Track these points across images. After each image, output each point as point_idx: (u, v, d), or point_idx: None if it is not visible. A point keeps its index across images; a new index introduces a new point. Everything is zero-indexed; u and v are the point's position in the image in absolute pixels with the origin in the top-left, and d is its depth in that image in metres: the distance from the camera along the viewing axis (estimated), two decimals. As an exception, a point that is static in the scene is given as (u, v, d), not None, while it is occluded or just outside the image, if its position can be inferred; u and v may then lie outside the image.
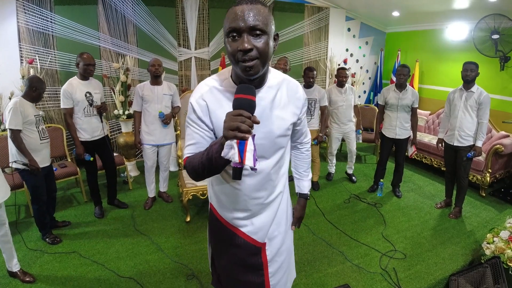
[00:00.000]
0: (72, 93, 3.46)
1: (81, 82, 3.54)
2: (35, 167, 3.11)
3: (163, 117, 3.83)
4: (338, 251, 3.28)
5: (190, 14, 5.58)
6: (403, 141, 4.35)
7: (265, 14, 1.17)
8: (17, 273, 2.83)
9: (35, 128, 3.17)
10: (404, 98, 4.16)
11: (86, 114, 3.56)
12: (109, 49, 5.21)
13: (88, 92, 3.54)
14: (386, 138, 4.42)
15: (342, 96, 4.71)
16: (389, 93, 4.28)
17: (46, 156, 3.31)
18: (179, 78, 5.79)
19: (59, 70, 5.02)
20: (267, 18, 1.17)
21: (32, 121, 3.13)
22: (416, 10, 5.78)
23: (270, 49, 1.20)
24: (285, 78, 1.43)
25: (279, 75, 1.42)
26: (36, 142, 3.17)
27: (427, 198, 4.48)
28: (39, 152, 3.21)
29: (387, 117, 4.39)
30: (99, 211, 3.90)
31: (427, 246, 3.40)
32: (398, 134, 4.30)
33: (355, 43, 7.17)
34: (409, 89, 4.19)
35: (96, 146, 3.72)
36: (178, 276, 2.91)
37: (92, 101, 3.57)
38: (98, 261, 3.10)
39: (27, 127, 3.10)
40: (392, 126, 4.32)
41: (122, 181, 4.88)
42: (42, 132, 3.24)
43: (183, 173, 3.98)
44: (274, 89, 1.37)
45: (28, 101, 3.17)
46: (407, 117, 4.26)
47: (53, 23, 4.86)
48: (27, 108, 3.10)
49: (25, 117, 3.06)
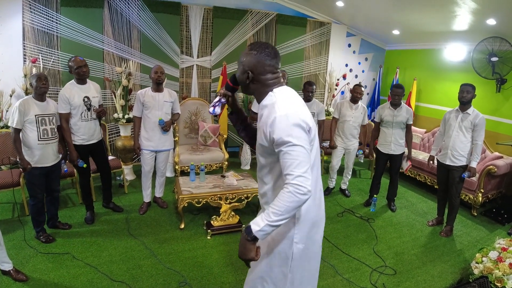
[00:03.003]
0: (70, 98, 3.45)
1: (78, 87, 3.55)
2: (24, 165, 3.14)
3: (163, 124, 3.86)
4: (329, 264, 3.31)
5: (194, 22, 5.66)
6: (398, 157, 4.44)
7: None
8: (9, 271, 2.83)
9: (35, 127, 3.17)
10: (399, 115, 4.25)
11: (83, 119, 3.56)
12: (113, 52, 5.27)
13: (86, 96, 3.55)
14: (381, 153, 4.51)
15: (352, 112, 4.76)
16: (384, 110, 4.38)
17: (45, 156, 3.27)
18: (180, 85, 5.85)
19: (61, 71, 5.07)
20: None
21: (31, 120, 3.14)
22: (416, 29, 5.89)
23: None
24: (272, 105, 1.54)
25: (271, 100, 1.56)
26: (33, 141, 3.18)
27: (419, 215, 4.53)
28: (37, 151, 3.21)
29: (382, 133, 4.47)
30: (90, 216, 3.88)
31: (417, 263, 3.44)
32: (393, 150, 4.38)
33: (355, 59, 7.27)
34: (404, 107, 4.29)
35: (91, 149, 3.74)
36: (170, 282, 2.92)
37: (90, 106, 3.59)
38: (91, 264, 3.11)
39: (27, 125, 3.15)
40: (387, 142, 4.40)
41: (118, 185, 4.90)
42: (44, 133, 3.23)
43: (179, 179, 4.01)
44: (263, 109, 1.60)
45: (36, 100, 3.22)
46: (402, 134, 4.36)
47: (58, 23, 4.92)
48: (29, 107, 3.14)
49: (25, 116, 3.11)
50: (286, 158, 1.43)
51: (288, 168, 1.42)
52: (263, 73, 1.57)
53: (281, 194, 1.41)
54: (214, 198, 3.70)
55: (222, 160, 5.01)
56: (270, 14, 6.10)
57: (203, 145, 5.33)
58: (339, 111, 4.81)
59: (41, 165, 3.27)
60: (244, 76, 1.58)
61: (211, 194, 3.70)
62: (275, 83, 1.60)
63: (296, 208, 1.40)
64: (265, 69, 1.56)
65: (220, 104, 1.76)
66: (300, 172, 1.40)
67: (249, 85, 1.61)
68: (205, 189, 3.76)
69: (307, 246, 1.66)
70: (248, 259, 1.49)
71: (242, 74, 1.60)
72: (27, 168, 3.16)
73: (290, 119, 1.44)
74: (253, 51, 1.56)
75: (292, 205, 1.39)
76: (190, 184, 3.87)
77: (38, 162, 3.23)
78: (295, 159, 1.42)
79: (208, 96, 6.09)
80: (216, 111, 1.76)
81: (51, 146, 3.34)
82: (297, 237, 1.61)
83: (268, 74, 1.58)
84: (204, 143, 5.32)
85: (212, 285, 2.92)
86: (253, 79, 1.58)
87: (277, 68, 1.61)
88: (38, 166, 3.24)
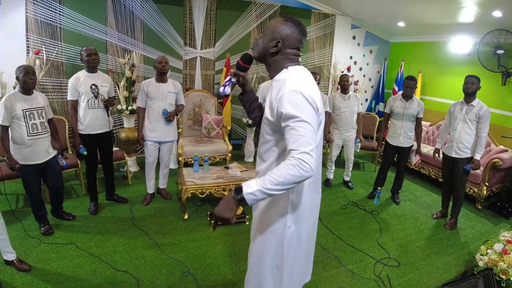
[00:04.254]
0: (77, 85, 3.50)
1: (87, 74, 3.57)
2: (12, 165, 3.02)
3: (166, 114, 3.85)
4: (333, 255, 3.31)
5: (198, 14, 5.62)
6: (406, 150, 4.41)
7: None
8: (13, 261, 2.84)
9: (24, 122, 3.04)
10: (410, 108, 4.22)
11: (90, 106, 3.57)
12: (116, 44, 5.25)
13: (94, 84, 3.56)
14: (390, 145, 4.49)
15: (346, 103, 4.76)
16: (395, 102, 4.34)
17: (36, 153, 3.16)
18: (183, 77, 5.83)
19: (65, 63, 5.05)
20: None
21: (19, 116, 3.00)
22: (421, 21, 5.83)
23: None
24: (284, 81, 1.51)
25: (284, 76, 1.53)
26: (22, 137, 3.06)
27: (423, 208, 4.51)
28: (27, 148, 3.10)
29: (392, 125, 4.44)
30: (94, 208, 3.89)
31: (421, 255, 3.43)
32: (401, 142, 4.36)
33: (359, 51, 7.22)
34: (415, 100, 4.25)
35: (98, 140, 3.74)
36: (174, 272, 2.93)
37: (97, 94, 3.59)
38: (94, 254, 3.12)
39: (15, 121, 3.02)
40: (396, 134, 4.38)
41: (122, 176, 4.90)
42: (33, 127, 3.11)
43: (183, 170, 4.01)
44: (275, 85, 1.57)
45: (22, 94, 3.07)
46: (412, 127, 4.32)
47: (62, 15, 4.90)
48: (15, 102, 2.99)
49: (12, 111, 2.97)
50: (292, 134, 1.38)
51: (294, 144, 1.36)
52: (291, 47, 1.56)
53: (283, 165, 1.35)
54: (217, 189, 3.70)
55: (226, 152, 5.00)
56: (274, 6, 6.05)
57: (206, 137, 5.32)
58: (332, 104, 4.84)
59: (33, 162, 3.15)
60: (271, 44, 1.55)
61: (215, 185, 3.70)
62: (294, 60, 1.59)
63: (294, 183, 1.35)
64: (294, 43, 1.55)
65: (230, 84, 1.76)
66: (306, 149, 1.34)
67: (272, 54, 1.57)
68: (208, 180, 3.76)
69: (300, 229, 1.66)
70: (224, 217, 1.41)
71: (269, 42, 1.56)
72: (16, 167, 3.03)
73: (300, 95, 1.41)
74: (290, 22, 1.54)
75: (292, 179, 1.33)
76: (193, 175, 3.87)
77: (29, 159, 3.12)
78: (301, 136, 1.36)
79: (211, 88, 6.06)
80: (226, 90, 1.75)
81: (42, 142, 3.20)
82: (289, 220, 1.62)
83: (294, 49, 1.57)
84: (208, 135, 5.31)
85: (215, 275, 2.92)
86: (279, 50, 1.55)
87: (301, 47, 1.60)
88: (30, 163, 3.13)
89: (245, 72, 1.77)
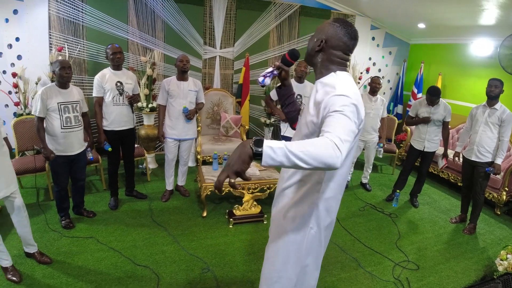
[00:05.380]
0: (103, 82, 3.56)
1: (113, 72, 3.64)
2: (47, 154, 3.13)
3: (187, 112, 3.89)
4: (352, 257, 3.30)
5: (218, 13, 5.66)
6: (430, 154, 4.36)
7: None
8: (34, 254, 2.89)
9: (58, 115, 3.16)
10: (436, 113, 4.16)
11: (115, 103, 3.63)
12: (137, 42, 5.32)
13: (119, 81, 3.62)
14: (414, 149, 4.44)
15: (372, 104, 4.74)
16: (421, 106, 4.27)
17: (69, 145, 3.26)
18: (202, 76, 5.87)
19: (86, 60, 5.14)
20: None
21: (54, 108, 3.11)
22: (442, 23, 5.76)
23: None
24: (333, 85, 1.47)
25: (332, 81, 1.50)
26: (56, 129, 3.16)
27: (442, 212, 4.46)
28: (60, 140, 3.20)
29: (416, 129, 4.40)
30: (114, 203, 3.95)
31: (440, 259, 3.40)
32: (426, 147, 4.31)
33: (379, 53, 7.16)
34: (442, 104, 4.18)
35: (122, 136, 3.79)
36: (193, 268, 2.96)
37: (122, 91, 3.65)
38: (114, 248, 3.16)
39: (50, 113, 3.13)
40: (421, 139, 4.33)
41: (141, 173, 4.96)
42: (66, 120, 3.20)
43: (202, 168, 4.04)
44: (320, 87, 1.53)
45: (59, 87, 3.19)
46: (437, 131, 4.27)
47: (84, 13, 4.98)
48: (51, 95, 3.11)
49: (48, 104, 3.09)
50: (331, 121, 1.28)
51: (330, 127, 1.25)
52: (336, 48, 1.53)
53: (317, 139, 1.20)
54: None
55: (244, 151, 5.00)
56: (294, 6, 6.05)
57: (224, 136, 5.35)
58: None
59: (65, 153, 3.26)
60: (316, 43, 1.55)
61: (234, 183, 3.70)
62: (341, 64, 1.56)
63: (320, 163, 1.15)
64: (339, 44, 1.53)
65: (271, 76, 1.77)
66: (342, 137, 1.21)
67: (317, 53, 1.57)
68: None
69: (321, 231, 1.64)
70: (235, 170, 1.19)
71: (315, 41, 1.57)
72: (50, 157, 3.14)
73: (349, 100, 1.36)
74: (337, 23, 1.53)
75: (322, 156, 1.15)
76: (213, 173, 3.90)
77: (62, 150, 3.23)
78: (341, 125, 1.26)
79: (230, 87, 6.10)
80: (265, 81, 1.76)
81: (75, 134, 3.30)
82: (312, 221, 1.60)
83: (340, 51, 1.54)
84: (226, 134, 5.34)
85: (234, 273, 2.94)
86: (323, 49, 1.54)
87: (350, 52, 1.57)
88: (62, 154, 3.23)
89: (289, 67, 1.78)
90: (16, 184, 2.65)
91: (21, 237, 2.82)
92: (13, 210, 2.66)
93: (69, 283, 2.67)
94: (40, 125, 3.14)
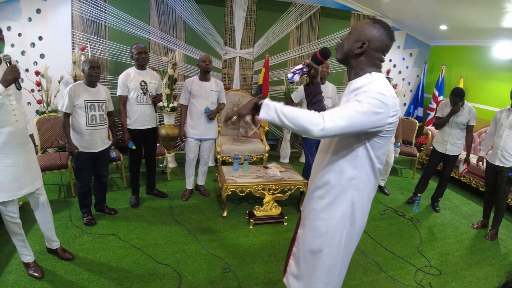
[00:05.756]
0: (127, 81, 3.61)
1: (137, 72, 3.69)
2: (71, 149, 3.21)
3: (209, 112, 3.91)
4: (373, 261, 3.27)
5: (238, 14, 5.68)
6: (452, 158, 4.29)
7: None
8: (56, 250, 2.92)
9: (84, 112, 3.22)
10: (460, 115, 4.09)
11: (139, 102, 3.68)
12: (158, 42, 5.37)
13: (143, 81, 3.67)
14: (436, 152, 4.37)
15: None
16: (446, 107, 4.21)
17: (93, 142, 3.32)
18: (222, 76, 5.89)
19: (108, 60, 5.22)
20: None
21: (80, 106, 3.19)
22: (464, 25, 5.67)
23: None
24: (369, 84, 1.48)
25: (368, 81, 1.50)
26: (81, 126, 3.23)
27: (463, 218, 4.38)
28: (85, 137, 3.26)
29: (440, 131, 4.34)
30: (135, 201, 3.99)
31: (462, 264, 3.34)
32: (448, 150, 4.25)
33: (399, 54, 7.08)
34: (466, 107, 4.11)
35: (144, 135, 3.83)
36: (214, 268, 2.96)
37: (146, 90, 3.69)
38: (136, 246, 3.19)
39: (76, 110, 3.20)
40: (444, 141, 4.27)
41: (161, 171, 5.01)
42: (92, 118, 3.26)
43: (223, 168, 4.06)
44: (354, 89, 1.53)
45: (87, 86, 3.26)
46: (461, 135, 4.20)
47: (107, 13, 5.06)
48: (79, 92, 3.19)
49: (75, 100, 3.17)
50: (341, 107, 1.42)
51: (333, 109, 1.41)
52: (376, 50, 1.52)
53: (307, 110, 1.42)
54: (257, 188, 3.72)
55: (263, 152, 5.03)
56: (314, 7, 6.03)
57: (244, 136, 5.36)
58: None
59: (89, 150, 3.32)
60: (356, 45, 1.52)
61: (255, 184, 3.73)
62: (377, 65, 1.56)
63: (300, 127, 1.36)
64: (381, 46, 1.52)
65: (300, 73, 1.77)
66: (336, 114, 1.37)
67: (356, 56, 1.54)
68: (249, 179, 3.79)
69: (354, 230, 1.65)
70: (240, 111, 1.47)
71: (354, 43, 1.53)
72: (74, 152, 3.22)
73: (383, 97, 1.39)
74: (378, 25, 1.51)
75: (304, 119, 1.35)
76: (233, 173, 3.91)
77: (86, 147, 3.29)
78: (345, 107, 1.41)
79: (250, 87, 6.11)
80: (294, 78, 1.77)
81: (100, 132, 3.36)
82: (347, 221, 1.61)
83: (380, 53, 1.54)
84: (245, 135, 5.35)
85: (256, 273, 2.94)
86: (365, 52, 1.52)
87: (387, 52, 1.57)
88: (85, 151, 3.30)
89: (319, 65, 1.77)
90: (41, 180, 2.69)
91: (44, 233, 2.85)
92: (37, 207, 2.70)
93: (91, 279, 2.70)
94: (66, 120, 3.21)
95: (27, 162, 2.51)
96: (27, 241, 2.68)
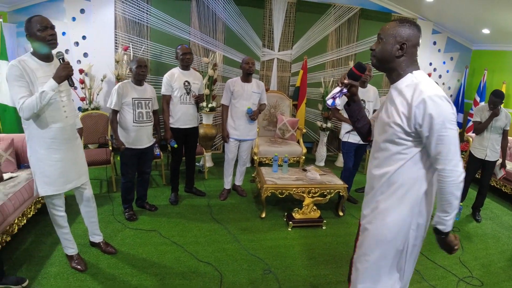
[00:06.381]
0: (171, 81, 3.70)
1: (181, 72, 3.78)
2: (118, 145, 3.35)
3: (251, 113, 3.96)
4: (415, 269, 3.21)
5: (277, 16, 5.70)
6: (492, 164, 4.18)
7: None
8: (99, 243, 3.01)
9: (132, 110, 3.34)
10: (498, 120, 4.00)
11: (182, 101, 3.77)
12: (198, 44, 5.47)
13: (187, 81, 3.76)
14: (475, 158, 4.26)
15: None
16: (483, 112, 4.11)
17: (139, 139, 3.43)
18: (259, 78, 5.93)
19: (150, 60, 5.35)
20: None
21: (128, 103, 3.32)
22: (508, 29, 5.47)
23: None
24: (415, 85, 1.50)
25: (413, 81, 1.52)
26: (128, 123, 3.35)
27: (505, 229, 4.24)
28: (131, 133, 3.38)
29: (478, 136, 4.23)
30: (174, 198, 4.08)
31: (504, 276, 3.24)
32: (488, 155, 4.13)
33: (440, 58, 6.91)
34: (503, 111, 4.02)
35: (186, 134, 3.91)
36: (255, 269, 2.99)
37: (189, 90, 3.77)
38: (177, 243, 3.26)
39: (124, 107, 3.34)
40: (483, 147, 4.16)
41: (198, 171, 5.08)
42: (139, 115, 3.37)
43: (262, 169, 4.09)
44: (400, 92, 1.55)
45: (134, 84, 3.39)
46: (499, 140, 4.11)
47: (149, 14, 5.20)
48: (127, 90, 3.32)
49: (123, 98, 3.30)
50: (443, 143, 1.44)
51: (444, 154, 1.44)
52: (414, 46, 1.53)
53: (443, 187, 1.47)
54: (297, 190, 3.73)
55: (300, 154, 5.02)
56: (354, 9, 5.98)
57: (280, 138, 5.38)
58: None
59: (135, 146, 3.43)
60: (395, 48, 1.52)
61: (295, 186, 3.73)
62: (416, 62, 1.57)
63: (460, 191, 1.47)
64: (416, 42, 1.53)
65: (341, 95, 1.69)
66: (457, 159, 1.45)
67: (397, 58, 1.54)
68: (288, 181, 3.80)
69: (419, 233, 1.66)
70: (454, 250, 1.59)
71: (392, 46, 1.52)
72: (121, 148, 3.36)
73: (446, 101, 1.42)
74: (406, 23, 1.52)
75: (457, 193, 1.46)
76: (273, 175, 3.94)
77: (132, 143, 3.41)
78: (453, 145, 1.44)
79: (287, 89, 6.13)
80: (336, 103, 1.68)
81: (146, 129, 3.48)
82: (414, 223, 1.61)
83: (416, 49, 1.55)
84: (282, 136, 5.37)
85: (296, 276, 2.94)
86: (406, 53, 1.52)
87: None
88: (131, 147, 3.42)
89: (358, 81, 1.72)
90: (87, 175, 2.76)
91: (88, 227, 2.95)
92: (82, 201, 2.80)
93: (134, 274, 2.77)
94: (114, 117, 3.36)
95: (74, 157, 2.58)
96: (71, 234, 2.75)
